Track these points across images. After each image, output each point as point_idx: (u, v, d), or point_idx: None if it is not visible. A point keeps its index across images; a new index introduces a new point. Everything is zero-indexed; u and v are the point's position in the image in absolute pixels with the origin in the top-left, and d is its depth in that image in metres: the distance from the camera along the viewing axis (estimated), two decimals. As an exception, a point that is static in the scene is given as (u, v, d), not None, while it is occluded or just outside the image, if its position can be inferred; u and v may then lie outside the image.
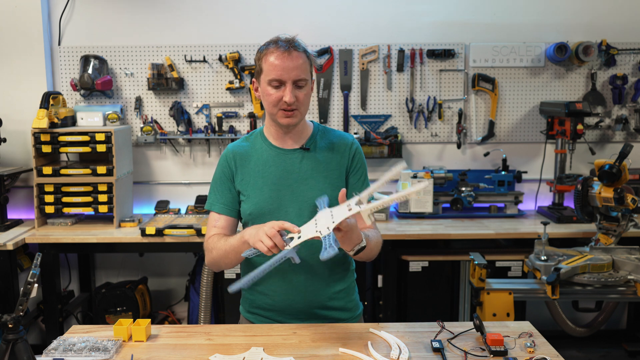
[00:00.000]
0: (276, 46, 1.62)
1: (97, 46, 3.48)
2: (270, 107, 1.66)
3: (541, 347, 1.55)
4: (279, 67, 1.60)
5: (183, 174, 3.63)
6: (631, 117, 3.56)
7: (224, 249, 1.65)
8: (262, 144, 1.77)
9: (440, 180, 3.39)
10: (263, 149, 1.76)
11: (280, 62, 1.60)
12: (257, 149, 1.77)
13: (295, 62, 1.61)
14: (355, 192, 1.51)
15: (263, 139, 1.78)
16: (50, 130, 3.13)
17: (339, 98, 3.56)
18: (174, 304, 3.75)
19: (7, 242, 2.92)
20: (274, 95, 1.63)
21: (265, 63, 1.63)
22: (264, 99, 1.68)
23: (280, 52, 1.61)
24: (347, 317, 1.80)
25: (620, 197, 2.61)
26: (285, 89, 1.62)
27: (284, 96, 1.62)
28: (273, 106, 1.66)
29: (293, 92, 1.62)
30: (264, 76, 1.65)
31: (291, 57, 1.60)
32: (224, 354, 1.50)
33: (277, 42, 1.63)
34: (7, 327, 1.35)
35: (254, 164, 1.75)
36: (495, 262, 3.11)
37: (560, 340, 3.48)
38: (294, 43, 1.63)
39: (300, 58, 1.62)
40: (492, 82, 3.51)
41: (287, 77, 1.61)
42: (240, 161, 1.76)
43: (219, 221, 1.76)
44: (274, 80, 1.62)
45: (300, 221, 1.68)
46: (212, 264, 1.73)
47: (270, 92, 1.64)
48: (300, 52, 1.63)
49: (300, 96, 1.64)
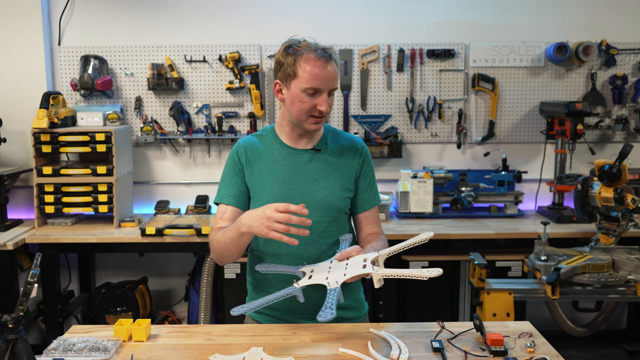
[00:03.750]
0: (315, 54, 1.60)
1: (97, 46, 3.48)
2: (301, 114, 1.65)
3: (541, 347, 1.54)
4: (319, 76, 1.60)
5: (183, 174, 3.63)
6: (631, 117, 3.56)
7: (224, 242, 1.63)
8: (273, 141, 1.77)
9: (440, 180, 3.39)
10: (274, 147, 1.76)
11: (320, 71, 1.60)
12: (269, 147, 1.77)
13: (333, 72, 1.62)
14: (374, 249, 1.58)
15: (275, 137, 1.78)
16: (50, 130, 3.13)
17: (339, 98, 3.55)
18: (174, 304, 3.75)
19: (7, 242, 2.92)
20: (309, 103, 1.63)
21: (302, 69, 1.60)
22: (293, 104, 1.65)
23: (321, 62, 1.60)
24: (352, 317, 1.80)
25: (620, 197, 2.61)
26: (320, 98, 1.62)
27: (317, 104, 1.62)
28: (304, 113, 1.65)
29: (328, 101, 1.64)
30: (298, 82, 1.62)
31: (329, 66, 1.61)
32: (224, 354, 1.50)
33: (316, 50, 1.61)
34: (7, 327, 1.35)
35: (265, 161, 1.75)
36: (495, 262, 3.11)
37: (560, 340, 3.48)
38: (332, 54, 1.63)
39: (335, 67, 1.64)
40: (492, 82, 3.51)
41: (325, 87, 1.62)
42: (251, 156, 1.76)
43: (226, 213, 1.73)
44: (310, 89, 1.61)
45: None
46: (217, 258, 1.70)
47: (305, 100, 1.63)
48: (334, 62, 1.64)
49: (330, 103, 1.66)
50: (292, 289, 1.51)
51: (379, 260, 1.52)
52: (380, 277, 1.44)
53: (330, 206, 1.72)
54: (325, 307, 1.38)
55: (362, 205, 1.79)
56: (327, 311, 1.36)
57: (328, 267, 1.56)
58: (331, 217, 1.73)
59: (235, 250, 1.62)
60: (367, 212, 1.80)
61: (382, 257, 1.52)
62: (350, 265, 1.51)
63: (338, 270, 1.51)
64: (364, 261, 1.50)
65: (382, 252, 1.52)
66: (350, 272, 1.47)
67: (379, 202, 1.83)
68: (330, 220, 1.73)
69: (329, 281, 1.48)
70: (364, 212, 1.80)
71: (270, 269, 1.65)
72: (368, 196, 1.80)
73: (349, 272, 1.47)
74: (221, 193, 1.77)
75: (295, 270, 1.61)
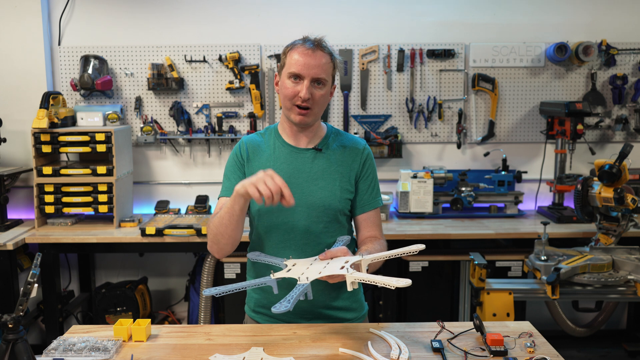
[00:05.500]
0: (303, 43, 1.65)
1: (97, 46, 3.48)
2: (286, 100, 1.67)
3: (541, 347, 1.54)
4: (301, 62, 1.63)
5: (183, 174, 3.63)
6: (631, 117, 3.56)
7: (220, 216, 1.59)
8: (275, 140, 1.78)
9: (440, 180, 3.39)
10: (276, 145, 1.77)
11: (303, 58, 1.63)
12: (270, 145, 1.77)
13: (318, 60, 1.63)
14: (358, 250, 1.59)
15: (277, 136, 1.78)
16: (50, 130, 3.13)
17: (339, 98, 3.56)
18: (174, 304, 3.75)
19: (7, 242, 2.92)
20: (291, 89, 1.65)
21: (289, 58, 1.66)
22: (281, 92, 1.70)
23: (305, 49, 1.64)
24: (352, 317, 1.80)
25: (620, 197, 2.61)
26: (302, 84, 1.64)
27: (300, 91, 1.63)
28: (288, 100, 1.67)
29: (309, 88, 1.64)
30: (285, 69, 1.67)
31: (315, 55, 1.63)
32: (224, 354, 1.50)
33: (305, 40, 1.67)
34: (7, 327, 1.35)
35: (266, 159, 1.75)
36: (495, 262, 3.11)
37: (560, 340, 3.48)
38: (321, 43, 1.66)
39: (323, 58, 1.65)
40: (492, 82, 3.51)
41: (306, 73, 1.63)
42: (253, 154, 1.76)
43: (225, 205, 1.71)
44: (293, 75, 1.64)
45: (307, 221, 1.70)
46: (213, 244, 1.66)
47: (288, 86, 1.65)
48: (325, 53, 1.66)
49: (317, 95, 1.65)
50: (266, 279, 1.53)
51: (361, 264, 1.51)
52: (354, 280, 1.44)
53: (329, 207, 1.71)
54: (285, 299, 1.39)
55: (361, 207, 1.78)
56: (283, 303, 1.37)
57: (310, 263, 1.58)
58: (330, 218, 1.72)
59: (229, 223, 1.57)
60: (366, 214, 1.79)
61: (365, 262, 1.51)
62: (329, 265, 1.51)
63: (316, 268, 1.52)
64: (344, 262, 1.50)
65: (366, 257, 1.52)
66: (325, 271, 1.48)
67: (380, 204, 1.81)
68: (329, 220, 1.72)
69: (303, 276, 1.49)
70: (363, 214, 1.79)
71: (260, 258, 1.68)
72: (368, 198, 1.78)
73: (324, 271, 1.48)
74: (224, 187, 1.77)
75: (279, 262, 1.63)
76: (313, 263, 1.57)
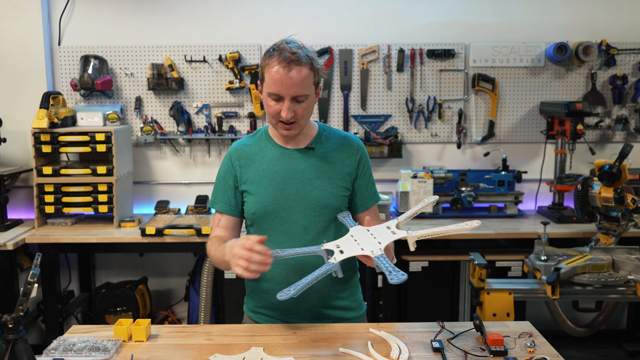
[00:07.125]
0: (279, 59, 1.55)
1: (97, 46, 3.48)
2: (270, 117, 1.65)
3: (541, 347, 1.55)
4: (278, 82, 1.56)
5: (183, 174, 3.63)
6: (631, 117, 3.56)
7: (215, 258, 1.68)
8: (266, 142, 1.76)
9: (440, 180, 3.39)
10: (268, 148, 1.75)
11: (280, 77, 1.55)
12: (262, 148, 1.76)
13: (297, 78, 1.55)
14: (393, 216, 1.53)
15: (268, 138, 1.77)
16: (50, 130, 3.13)
17: (339, 98, 3.56)
18: (174, 304, 3.75)
19: (7, 242, 2.92)
20: (273, 107, 1.61)
21: (267, 74, 1.59)
22: (265, 107, 1.66)
23: (281, 67, 1.55)
24: (351, 317, 1.80)
25: (620, 197, 2.61)
26: (282, 104, 1.59)
27: (282, 110, 1.59)
28: (272, 117, 1.64)
29: (291, 107, 1.59)
30: (265, 87, 1.62)
31: (291, 73, 1.55)
32: (224, 354, 1.50)
33: (281, 53, 1.56)
34: (7, 327, 1.35)
35: (258, 162, 1.74)
36: (495, 262, 3.11)
37: (560, 340, 3.48)
38: (297, 57, 1.55)
39: (302, 71, 1.56)
40: (492, 82, 3.51)
41: (285, 93, 1.57)
42: (245, 160, 1.75)
43: (221, 221, 1.77)
44: (273, 94, 1.59)
45: (305, 221, 1.69)
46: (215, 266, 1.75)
47: (270, 104, 1.62)
48: (303, 66, 1.56)
49: (299, 110, 1.61)
50: (330, 265, 1.45)
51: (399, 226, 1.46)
52: (415, 239, 1.40)
53: (326, 206, 1.70)
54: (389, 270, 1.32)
55: (362, 204, 1.78)
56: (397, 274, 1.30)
57: (352, 239, 1.51)
58: (328, 217, 1.71)
59: (227, 268, 1.61)
60: (368, 210, 1.79)
61: (402, 224, 1.46)
62: (377, 234, 1.44)
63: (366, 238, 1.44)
64: (387, 228, 1.45)
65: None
66: (383, 239, 1.41)
67: (379, 199, 1.82)
68: (327, 220, 1.71)
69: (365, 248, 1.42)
70: (366, 210, 1.79)
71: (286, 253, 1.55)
72: (368, 194, 1.78)
73: (383, 240, 1.41)
74: (214, 197, 1.79)
75: (317, 250, 1.54)
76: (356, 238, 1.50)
